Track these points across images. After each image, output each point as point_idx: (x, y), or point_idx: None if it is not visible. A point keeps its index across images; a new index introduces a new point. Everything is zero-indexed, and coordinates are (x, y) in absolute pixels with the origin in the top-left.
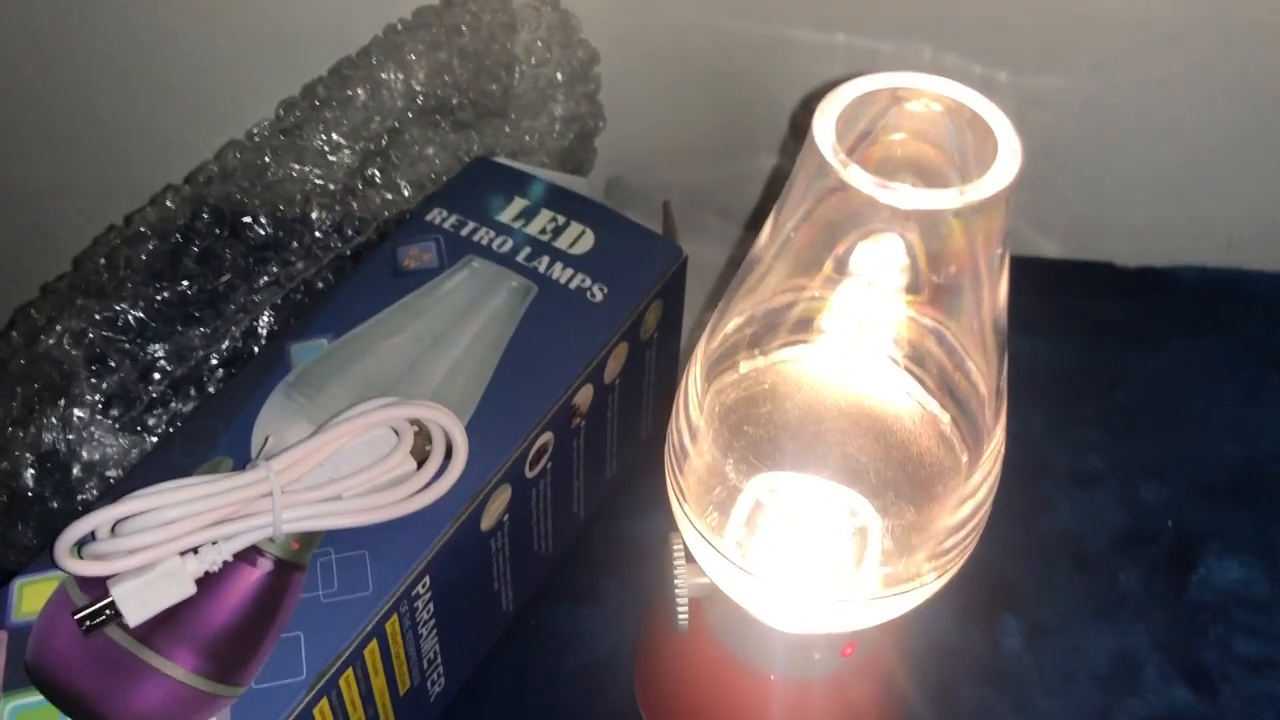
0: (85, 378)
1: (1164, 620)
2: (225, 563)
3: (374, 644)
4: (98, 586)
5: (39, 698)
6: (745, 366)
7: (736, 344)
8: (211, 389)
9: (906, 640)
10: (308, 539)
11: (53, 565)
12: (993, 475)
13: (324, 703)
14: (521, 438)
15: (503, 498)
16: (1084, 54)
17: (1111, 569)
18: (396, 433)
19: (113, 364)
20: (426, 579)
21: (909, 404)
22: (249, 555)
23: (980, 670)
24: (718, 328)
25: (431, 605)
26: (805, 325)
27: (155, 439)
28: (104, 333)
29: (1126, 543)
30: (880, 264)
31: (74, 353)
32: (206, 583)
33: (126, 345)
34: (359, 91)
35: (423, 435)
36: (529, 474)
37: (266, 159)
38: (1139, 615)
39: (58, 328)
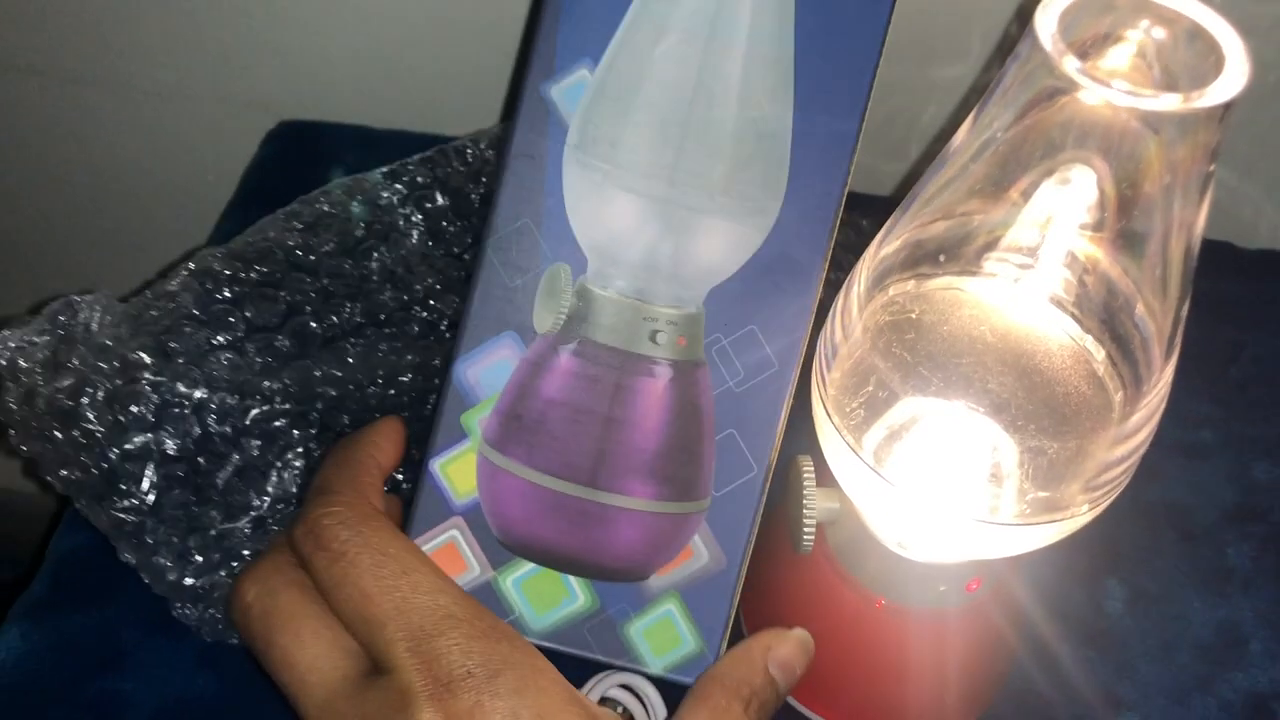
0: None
1: (1273, 598)
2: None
3: (783, 424)
4: None
5: (531, 566)
6: (905, 288)
7: (902, 263)
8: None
9: (1015, 592)
10: (692, 332)
11: (459, 438)
12: (1156, 416)
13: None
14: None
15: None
16: None
17: (1219, 543)
18: None
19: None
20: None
21: (1065, 340)
22: (643, 367)
23: (1082, 631)
24: (889, 238)
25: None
26: (977, 254)
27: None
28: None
29: (1235, 518)
30: (1065, 200)
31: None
32: (621, 415)
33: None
34: None
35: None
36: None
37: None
38: (1246, 590)
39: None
